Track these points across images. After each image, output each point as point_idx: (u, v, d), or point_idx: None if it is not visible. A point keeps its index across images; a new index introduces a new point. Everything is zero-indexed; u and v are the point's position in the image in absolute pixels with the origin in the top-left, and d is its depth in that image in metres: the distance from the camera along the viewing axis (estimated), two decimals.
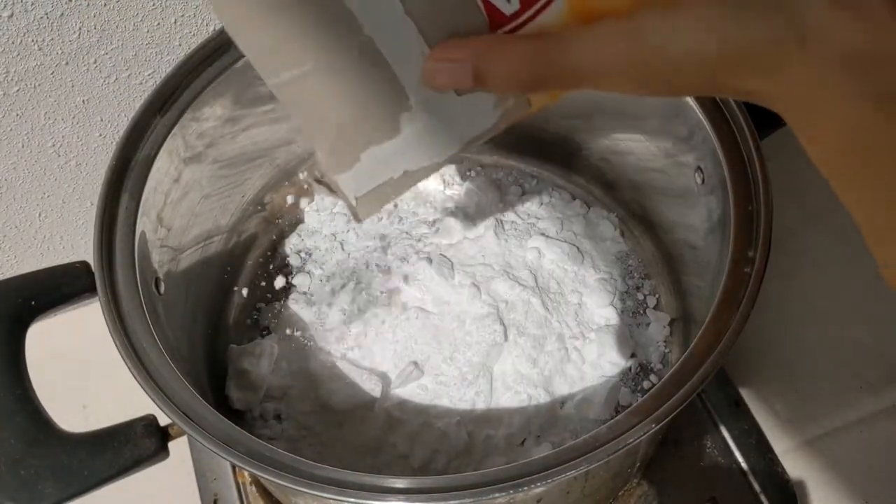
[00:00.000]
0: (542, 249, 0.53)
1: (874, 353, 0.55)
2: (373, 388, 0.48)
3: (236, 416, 0.48)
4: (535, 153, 0.59)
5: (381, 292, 0.52)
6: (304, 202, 0.59)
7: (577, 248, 0.53)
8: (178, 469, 0.33)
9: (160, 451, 0.35)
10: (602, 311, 0.51)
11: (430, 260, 0.52)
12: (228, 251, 0.55)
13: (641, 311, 0.52)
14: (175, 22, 0.49)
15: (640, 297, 0.53)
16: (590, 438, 0.33)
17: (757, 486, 0.49)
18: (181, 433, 0.36)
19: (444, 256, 0.53)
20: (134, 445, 0.35)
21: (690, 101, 0.42)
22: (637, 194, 0.54)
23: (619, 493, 0.50)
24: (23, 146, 0.52)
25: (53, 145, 0.53)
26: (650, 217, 0.54)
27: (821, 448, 0.52)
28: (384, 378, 0.48)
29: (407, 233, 0.56)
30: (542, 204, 0.57)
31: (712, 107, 0.41)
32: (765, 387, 0.54)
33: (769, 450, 0.50)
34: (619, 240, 0.55)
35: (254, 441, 0.34)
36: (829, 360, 0.55)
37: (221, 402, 0.49)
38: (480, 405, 0.47)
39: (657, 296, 0.53)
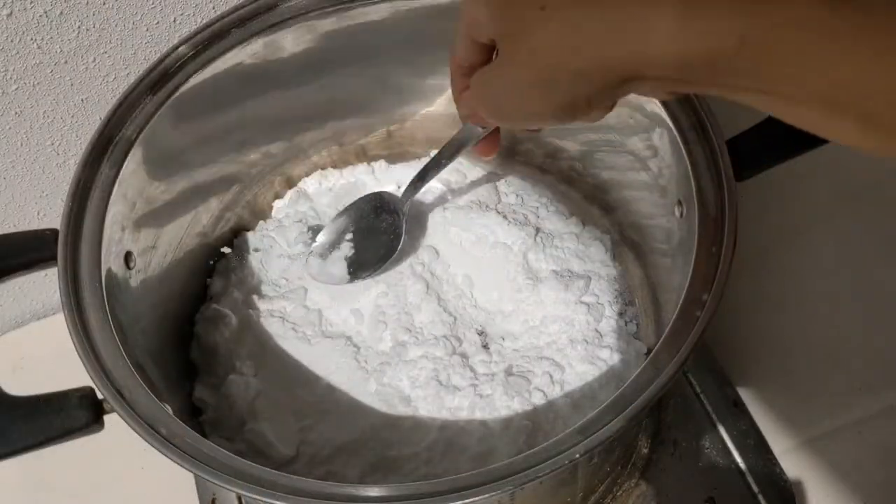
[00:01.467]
0: (530, 270, 0.52)
1: (873, 354, 0.55)
2: (357, 382, 0.48)
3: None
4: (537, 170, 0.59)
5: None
6: (288, 193, 0.59)
7: (567, 268, 0.53)
8: (178, 469, 0.33)
9: (93, 424, 0.35)
10: (585, 339, 0.50)
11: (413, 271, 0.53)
12: (212, 242, 0.55)
13: (622, 338, 0.52)
14: (174, 21, 0.49)
15: (623, 322, 0.52)
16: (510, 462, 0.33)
17: (755, 487, 0.49)
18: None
19: (435, 275, 0.53)
20: (66, 415, 0.35)
21: (676, 134, 0.41)
22: (629, 217, 0.54)
23: (618, 493, 0.50)
24: (21, 144, 0.52)
25: (52, 144, 0.53)
26: (640, 244, 0.53)
27: (819, 449, 0.52)
28: (372, 373, 0.49)
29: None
30: (538, 217, 0.56)
31: (697, 141, 0.41)
32: (763, 387, 0.54)
33: (767, 450, 0.50)
34: (608, 263, 0.54)
35: (178, 425, 0.34)
36: (827, 361, 0.55)
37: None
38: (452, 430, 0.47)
39: (636, 322, 0.52)
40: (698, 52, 0.26)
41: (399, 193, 0.52)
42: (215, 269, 0.55)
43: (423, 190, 0.51)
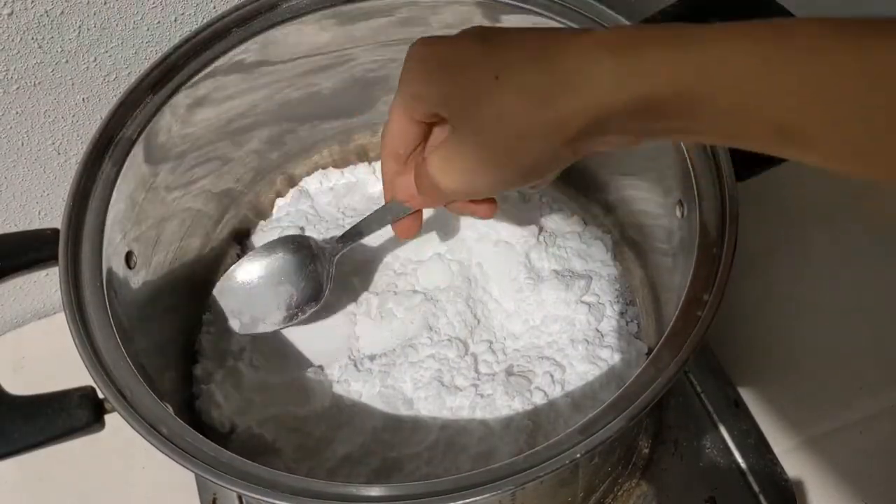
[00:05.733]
0: (532, 269, 0.52)
1: (874, 354, 0.55)
2: (361, 385, 0.48)
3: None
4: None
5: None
6: (290, 192, 0.59)
7: (568, 268, 0.53)
8: (179, 468, 0.33)
9: (93, 423, 0.35)
10: (586, 339, 0.50)
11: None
12: (214, 241, 0.55)
13: (623, 338, 0.51)
14: (175, 20, 0.49)
15: (623, 322, 0.52)
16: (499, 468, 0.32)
17: (756, 486, 0.49)
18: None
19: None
20: (67, 414, 0.35)
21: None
22: (629, 217, 0.54)
23: (619, 493, 0.50)
24: (22, 144, 0.52)
25: (53, 143, 0.53)
26: (641, 243, 0.53)
27: (820, 448, 0.52)
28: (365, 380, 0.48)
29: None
30: (541, 215, 0.56)
31: (698, 147, 0.41)
32: (764, 387, 0.54)
33: (768, 450, 0.50)
34: (609, 262, 0.54)
35: (179, 425, 0.34)
36: (828, 361, 0.55)
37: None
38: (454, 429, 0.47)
39: (637, 322, 0.52)
40: (641, 96, 0.28)
41: None
42: (218, 271, 0.55)
43: None
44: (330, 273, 0.47)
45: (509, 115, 0.30)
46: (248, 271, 0.47)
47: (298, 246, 0.47)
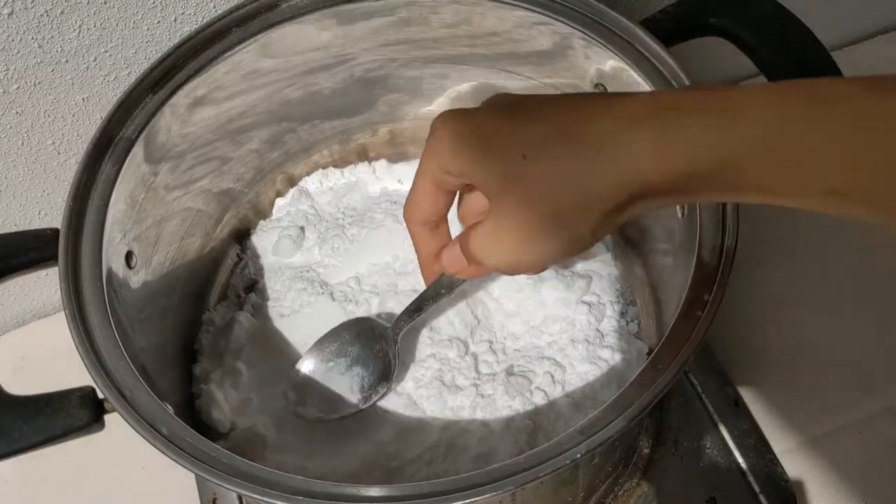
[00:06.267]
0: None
1: (874, 354, 0.55)
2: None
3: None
4: None
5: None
6: (290, 192, 0.59)
7: (568, 269, 0.53)
8: (179, 468, 0.33)
9: (93, 423, 0.35)
10: (587, 339, 0.50)
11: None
12: (213, 242, 0.55)
13: (623, 338, 0.51)
14: (175, 20, 0.49)
15: (624, 322, 0.51)
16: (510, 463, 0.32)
17: (756, 486, 0.49)
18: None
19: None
20: (67, 414, 0.35)
21: None
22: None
23: (619, 493, 0.50)
24: (22, 144, 0.52)
25: (53, 143, 0.53)
26: (641, 243, 0.53)
27: (820, 448, 0.52)
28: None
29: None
30: None
31: None
32: (764, 387, 0.54)
33: (768, 450, 0.50)
34: (609, 262, 0.54)
35: (179, 425, 0.34)
36: (828, 361, 0.55)
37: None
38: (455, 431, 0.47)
39: (638, 322, 0.52)
40: (682, 168, 0.28)
41: (399, 194, 0.52)
42: (218, 270, 0.55)
43: None
44: (396, 352, 0.47)
45: (544, 194, 0.30)
46: (319, 360, 0.47)
47: (362, 329, 0.48)
